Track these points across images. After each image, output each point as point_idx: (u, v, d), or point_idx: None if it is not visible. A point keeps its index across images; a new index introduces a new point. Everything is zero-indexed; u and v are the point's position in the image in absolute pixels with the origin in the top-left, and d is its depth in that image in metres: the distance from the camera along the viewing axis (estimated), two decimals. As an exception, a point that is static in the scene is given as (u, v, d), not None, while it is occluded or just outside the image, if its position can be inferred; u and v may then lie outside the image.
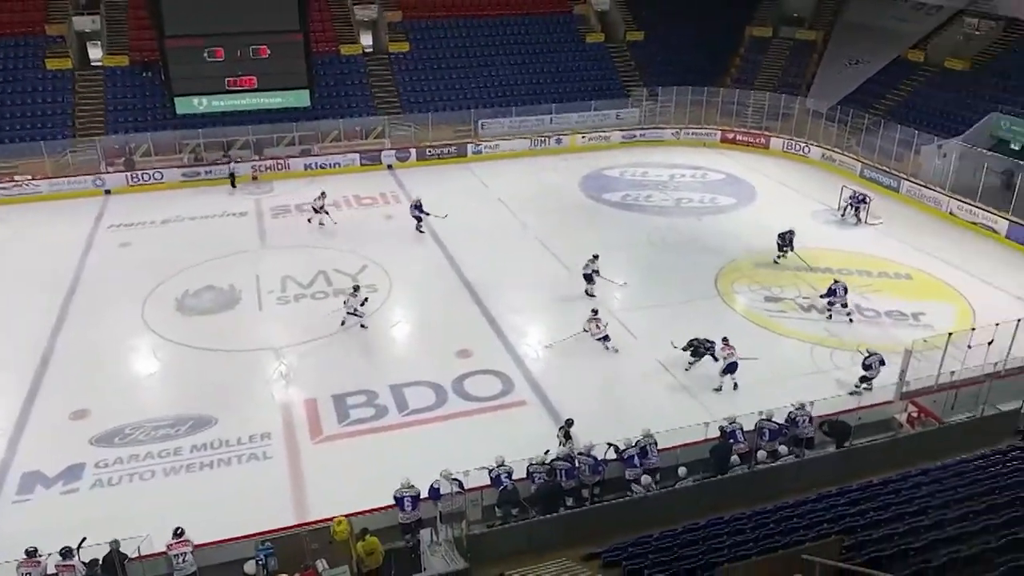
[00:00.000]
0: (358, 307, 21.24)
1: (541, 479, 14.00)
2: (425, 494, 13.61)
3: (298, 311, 22.55)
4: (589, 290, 23.16)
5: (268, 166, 34.09)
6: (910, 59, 37.74)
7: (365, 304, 21.56)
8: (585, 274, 23.19)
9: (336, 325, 21.23)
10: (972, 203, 28.79)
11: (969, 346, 16.50)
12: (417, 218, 28.11)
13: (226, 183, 32.87)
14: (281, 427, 17.39)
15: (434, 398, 18.36)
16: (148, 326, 21.69)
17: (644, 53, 42.70)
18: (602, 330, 20.30)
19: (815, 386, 17.74)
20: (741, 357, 18.41)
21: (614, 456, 14.74)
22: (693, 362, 19.06)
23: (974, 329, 17.35)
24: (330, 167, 34.83)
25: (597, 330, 20.30)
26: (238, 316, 22.38)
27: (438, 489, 13.51)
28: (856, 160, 33.97)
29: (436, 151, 36.36)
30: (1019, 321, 16.92)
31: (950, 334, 16.89)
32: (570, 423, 15.78)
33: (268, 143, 34.83)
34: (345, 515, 13.18)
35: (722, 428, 15.15)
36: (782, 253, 25.19)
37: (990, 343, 16.64)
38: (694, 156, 37.09)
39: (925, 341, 16.91)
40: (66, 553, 12.15)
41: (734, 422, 15.19)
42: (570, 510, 13.72)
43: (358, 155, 35.37)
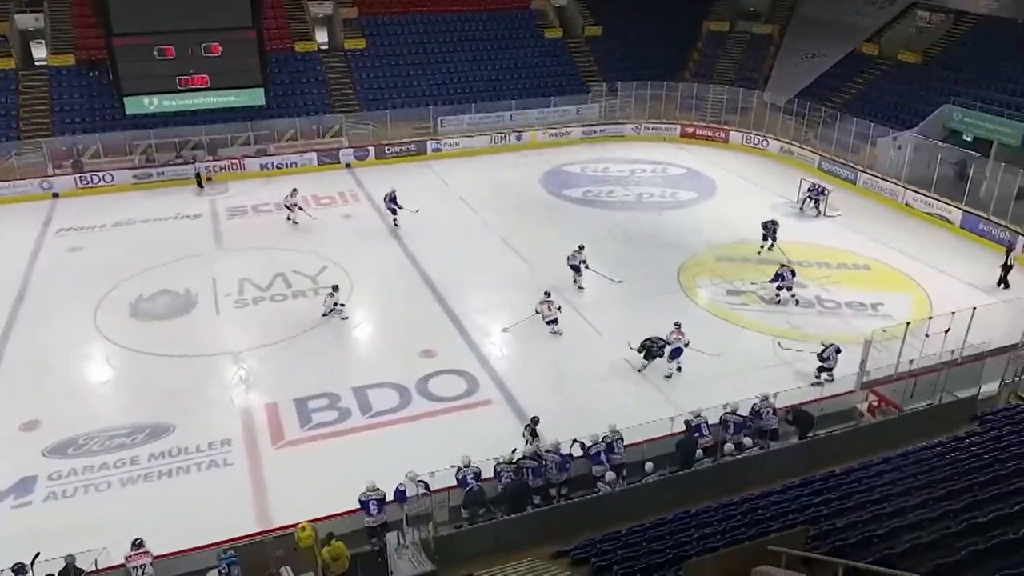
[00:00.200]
0: (338, 303, 21.54)
1: (508, 478, 13.92)
2: (391, 497, 13.46)
3: (256, 314, 22.17)
4: (578, 282, 23.10)
5: (223, 167, 33.40)
6: (865, 52, 38.36)
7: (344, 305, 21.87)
8: (572, 265, 23.11)
9: (296, 327, 21.03)
10: (927, 194, 29.30)
11: (927, 335, 16.76)
12: (392, 210, 27.95)
13: (183, 184, 32.21)
14: (241, 433, 17.08)
15: (398, 399, 18.17)
16: (101, 332, 21.13)
17: (603, 48, 42.79)
18: (552, 312, 20.31)
19: (778, 378, 17.91)
20: (695, 348, 18.71)
21: (580, 453, 14.71)
22: (646, 364, 19.01)
23: (931, 318, 17.61)
24: (287, 167, 34.28)
25: (549, 312, 20.33)
26: (195, 320, 21.92)
27: (404, 491, 13.34)
28: (814, 153, 34.40)
29: (395, 149, 36.02)
30: (974, 309, 17.22)
31: (908, 323, 17.14)
32: (536, 421, 15.73)
33: (222, 143, 34.16)
34: (309, 521, 12.99)
35: (687, 422, 15.24)
36: (766, 243, 25.41)
37: (947, 332, 16.93)
38: (654, 151, 37.24)
39: (884, 331, 17.16)
40: (19, 569, 11.84)
41: (699, 416, 15.28)
42: (537, 508, 13.65)
43: (315, 154, 34.88)
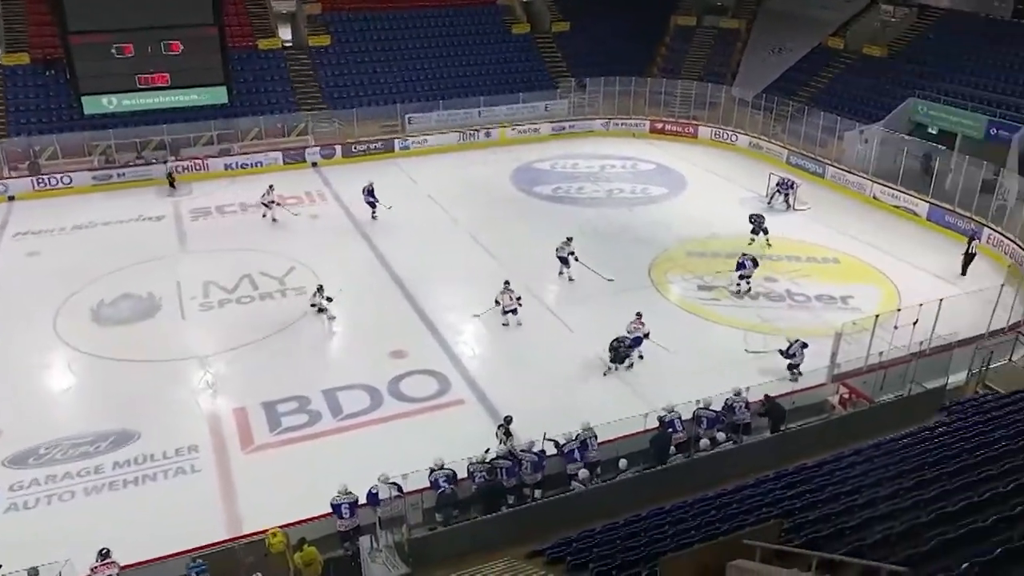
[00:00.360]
0: (324, 302, 21.37)
1: (482, 478, 13.80)
2: (363, 500, 13.31)
3: (223, 317, 21.77)
4: (568, 274, 23.02)
5: (185, 167, 32.75)
6: (830, 46, 38.76)
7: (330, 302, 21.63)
8: (560, 256, 23.03)
9: (264, 330, 20.79)
10: (894, 187, 29.63)
11: (896, 327, 16.92)
12: (371, 204, 27.75)
13: (145, 185, 31.62)
14: (209, 438, 16.74)
15: (369, 401, 17.94)
16: (61, 338, 20.61)
17: (571, 44, 42.75)
18: (512, 303, 20.26)
19: (750, 372, 17.96)
20: (653, 341, 18.85)
21: (554, 451, 14.62)
22: (611, 368, 18.79)
23: (899, 310, 17.79)
24: (252, 166, 33.74)
25: (509, 302, 20.34)
26: (159, 324, 21.47)
27: (376, 494, 13.17)
28: (782, 147, 34.64)
29: (362, 147, 35.67)
30: (941, 301, 17.41)
31: (877, 316, 17.33)
32: (509, 420, 15.60)
33: (185, 143, 33.52)
34: (281, 526, 12.86)
35: (660, 418, 15.23)
36: (757, 237, 25.49)
37: (915, 323, 17.10)
38: (624, 147, 37.27)
39: (854, 324, 17.31)
40: (-22, 584, 11.49)
41: (672, 411, 15.27)
42: (512, 508, 13.53)
43: (280, 153, 34.41)
